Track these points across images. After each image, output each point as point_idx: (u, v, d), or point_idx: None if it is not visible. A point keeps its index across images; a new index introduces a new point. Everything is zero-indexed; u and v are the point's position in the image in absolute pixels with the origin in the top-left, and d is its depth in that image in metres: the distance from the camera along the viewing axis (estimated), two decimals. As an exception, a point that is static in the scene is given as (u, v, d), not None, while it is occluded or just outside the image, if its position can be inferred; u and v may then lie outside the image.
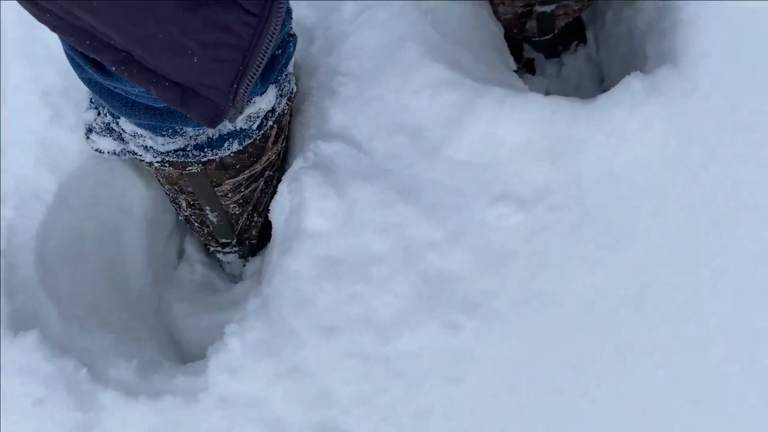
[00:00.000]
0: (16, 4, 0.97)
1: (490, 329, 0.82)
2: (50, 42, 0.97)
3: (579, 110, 0.85)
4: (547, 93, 1.33)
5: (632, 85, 0.84)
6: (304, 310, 0.85)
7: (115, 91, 0.78)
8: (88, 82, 0.79)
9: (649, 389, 0.78)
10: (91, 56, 0.65)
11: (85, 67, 0.74)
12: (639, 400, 0.79)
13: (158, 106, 0.80)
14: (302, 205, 0.87)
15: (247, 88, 0.62)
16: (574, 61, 1.34)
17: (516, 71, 1.21)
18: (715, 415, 0.76)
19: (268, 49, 0.60)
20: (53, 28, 0.59)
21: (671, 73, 0.86)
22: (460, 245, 0.85)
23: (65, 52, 0.77)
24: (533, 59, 1.38)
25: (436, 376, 0.82)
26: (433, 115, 0.88)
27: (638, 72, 0.87)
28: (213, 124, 0.64)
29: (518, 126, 0.85)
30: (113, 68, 0.61)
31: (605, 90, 1.33)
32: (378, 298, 0.84)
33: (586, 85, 1.32)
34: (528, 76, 1.36)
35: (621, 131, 0.84)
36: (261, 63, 0.61)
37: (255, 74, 0.61)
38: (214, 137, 0.89)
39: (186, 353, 1.10)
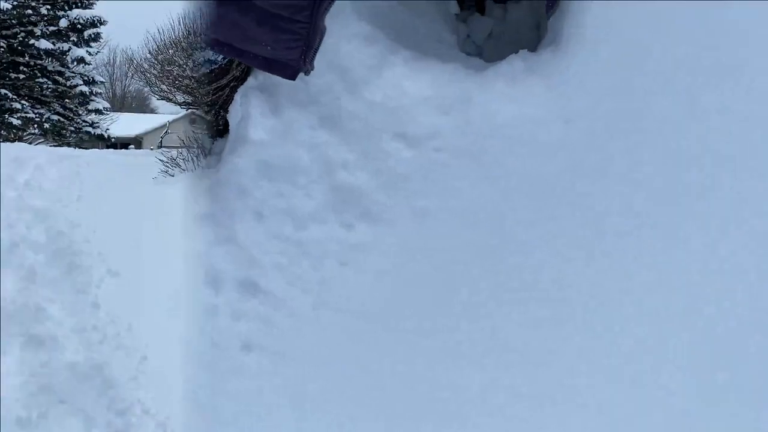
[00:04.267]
0: None
1: (378, 231, 1.11)
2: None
3: (471, 77, 1.08)
4: (491, 34, 1.54)
5: (515, 63, 1.07)
6: (243, 196, 1.13)
7: None
8: None
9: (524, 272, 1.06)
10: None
11: None
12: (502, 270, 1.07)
13: None
14: (248, 117, 1.13)
15: (313, 57, 0.94)
16: (518, 8, 1.52)
17: (458, 14, 1.42)
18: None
19: (323, 35, 0.91)
20: None
21: (552, 54, 1.07)
22: (366, 167, 1.11)
23: None
24: (485, 0, 1.57)
25: (332, 258, 1.12)
26: (358, 60, 1.11)
27: (525, 51, 1.09)
28: (293, 78, 0.96)
29: (420, 83, 1.08)
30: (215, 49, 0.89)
31: (540, 35, 1.53)
32: (298, 198, 1.12)
33: (524, 31, 1.51)
34: (477, 15, 1.56)
35: (502, 97, 1.08)
36: (320, 42, 0.92)
37: (317, 48, 0.93)
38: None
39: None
